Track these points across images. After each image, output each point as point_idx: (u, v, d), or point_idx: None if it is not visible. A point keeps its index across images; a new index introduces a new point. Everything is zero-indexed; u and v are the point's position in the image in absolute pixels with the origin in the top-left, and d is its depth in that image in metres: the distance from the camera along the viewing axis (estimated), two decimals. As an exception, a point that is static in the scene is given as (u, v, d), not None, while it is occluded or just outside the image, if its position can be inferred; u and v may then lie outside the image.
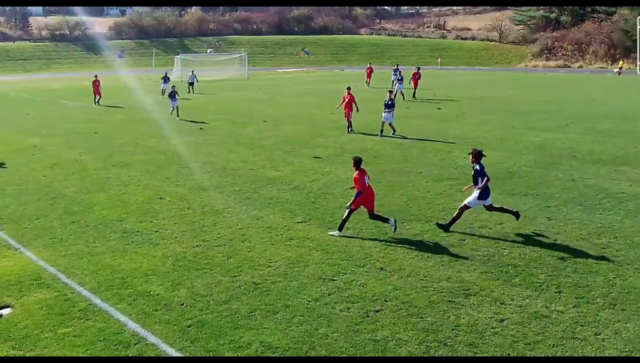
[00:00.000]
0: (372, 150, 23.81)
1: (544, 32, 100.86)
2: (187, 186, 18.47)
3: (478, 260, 12.02)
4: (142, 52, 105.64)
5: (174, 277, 11.49)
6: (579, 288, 10.64)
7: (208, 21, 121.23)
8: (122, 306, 10.25)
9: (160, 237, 13.77)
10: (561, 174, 19.16)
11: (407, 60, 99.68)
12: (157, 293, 10.76)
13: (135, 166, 21.34)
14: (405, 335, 9.10)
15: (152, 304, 10.31)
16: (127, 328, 9.47)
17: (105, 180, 19.35)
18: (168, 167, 21.26)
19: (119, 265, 12.10)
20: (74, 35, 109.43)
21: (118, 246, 13.24)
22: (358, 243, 13.13)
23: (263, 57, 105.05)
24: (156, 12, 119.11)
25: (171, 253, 12.72)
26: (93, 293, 10.76)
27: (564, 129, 28.58)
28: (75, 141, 27.06)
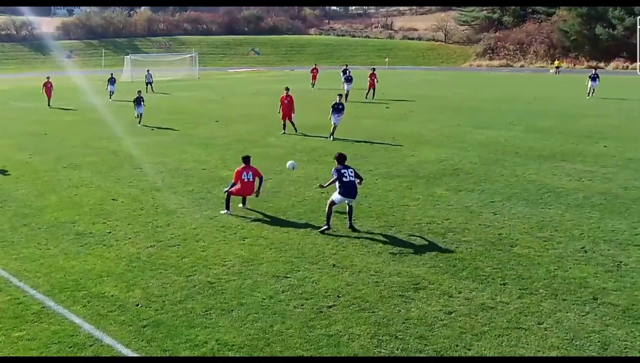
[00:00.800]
0: (322, 149, 23.94)
1: (487, 33, 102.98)
2: (140, 187, 18.27)
3: (427, 255, 12.25)
4: (91, 53, 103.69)
5: (129, 277, 11.38)
6: (522, 280, 10.96)
7: (157, 21, 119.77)
8: (76, 308, 10.11)
9: (114, 239, 13.61)
10: (505, 170, 19.63)
11: (356, 60, 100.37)
12: (112, 294, 10.65)
13: (87, 167, 20.99)
14: (358, 329, 9.23)
15: (106, 305, 10.20)
16: (82, 330, 9.35)
17: (56, 182, 18.98)
18: (120, 168, 20.97)
19: (72, 267, 11.92)
20: (20, 35, 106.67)
21: (71, 248, 13.03)
22: (311, 241, 13.23)
23: (214, 57, 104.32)
24: (105, 12, 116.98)
25: (125, 254, 12.58)
26: (46, 296, 10.58)
27: (507, 126, 29.25)
28: (24, 143, 26.43)
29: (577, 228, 13.78)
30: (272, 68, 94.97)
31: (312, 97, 44.51)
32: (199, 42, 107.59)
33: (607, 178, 18.36)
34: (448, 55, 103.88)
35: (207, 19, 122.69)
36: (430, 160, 21.33)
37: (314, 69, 56.99)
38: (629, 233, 13.35)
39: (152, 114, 36.27)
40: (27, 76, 77.84)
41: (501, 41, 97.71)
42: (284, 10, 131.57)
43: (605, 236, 13.19)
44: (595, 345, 8.64)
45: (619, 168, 19.65)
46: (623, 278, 10.90)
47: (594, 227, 13.84)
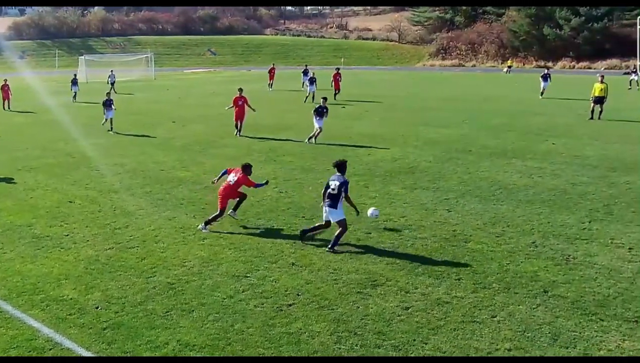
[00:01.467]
0: (280, 149, 23.98)
1: (440, 33, 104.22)
2: (98, 189, 18.02)
3: (384, 252, 12.41)
4: (44, 53, 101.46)
5: (87, 280, 11.24)
6: (476, 274, 11.20)
7: (112, 21, 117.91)
8: (34, 312, 9.94)
9: (72, 241, 13.40)
10: (458, 168, 19.97)
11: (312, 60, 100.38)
12: (71, 297, 10.51)
13: (43, 170, 20.58)
14: (318, 326, 9.31)
15: (65, 309, 10.06)
16: (41, 334, 9.21)
17: (12, 185, 18.57)
18: (77, 170, 20.63)
19: (30, 271, 11.70)
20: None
21: (28, 252, 12.78)
22: (270, 240, 13.26)
23: (169, 57, 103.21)
24: (57, 11, 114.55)
25: (83, 257, 12.42)
26: (4, 301, 10.37)
27: (460, 125, 29.73)
28: (-24, 145, 25.78)
29: (528, 223, 14.12)
30: (229, 68, 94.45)
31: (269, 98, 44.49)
32: (155, 42, 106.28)
33: (555, 174, 18.84)
34: (402, 55, 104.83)
35: (162, 19, 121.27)
36: (386, 159, 21.55)
37: (271, 69, 54.97)
38: (577, 227, 13.74)
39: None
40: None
41: (453, 41, 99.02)
42: (239, 10, 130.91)
43: (555, 231, 13.55)
44: (546, 336, 8.89)
45: (566, 164, 20.18)
46: (572, 272, 11.23)
47: (544, 222, 14.20)
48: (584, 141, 24.46)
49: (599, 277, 10.95)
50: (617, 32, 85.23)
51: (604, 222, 14.12)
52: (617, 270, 11.22)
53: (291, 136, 26.70)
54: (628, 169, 19.30)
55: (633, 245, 12.53)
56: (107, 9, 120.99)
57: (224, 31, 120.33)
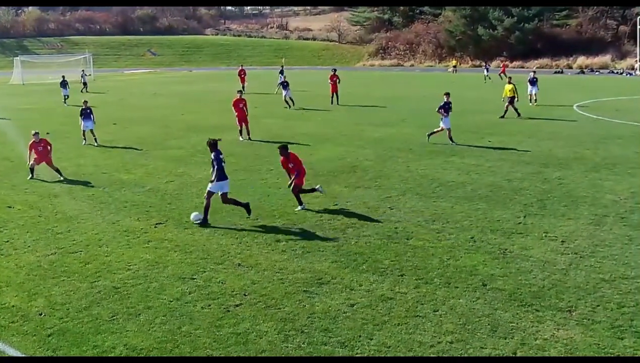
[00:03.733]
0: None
1: (379, 33, 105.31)
2: (37, 193, 17.58)
3: (328, 251, 12.54)
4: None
5: (30, 287, 10.99)
6: (418, 270, 11.44)
7: (48, 21, 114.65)
8: (-25, 321, 9.69)
9: (12, 247, 13.06)
10: (399, 166, 20.30)
11: (253, 60, 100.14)
12: (13, 304, 10.26)
13: (-22, 175, 19.95)
14: (265, 326, 9.36)
15: (8, 316, 9.82)
16: (-17, 343, 8.99)
17: (-54, 190, 17.95)
18: (15, 174, 20.07)
19: (-31, 279, 11.37)
20: None
21: (-34, 259, 12.41)
22: (215, 241, 13.23)
23: (108, 58, 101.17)
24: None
25: (25, 263, 12.12)
26: (-58, 311, 10.06)
27: (401, 124, 30.18)
28: None
29: (467, 219, 14.49)
30: (170, 69, 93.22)
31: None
32: (93, 42, 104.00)
33: (492, 171, 19.36)
34: (342, 55, 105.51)
35: (100, 18, 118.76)
36: (329, 158, 21.73)
37: (241, 70, 50.61)
38: (512, 222, 14.18)
39: (47, 117, 34.87)
40: None
41: (392, 41, 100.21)
42: (179, 10, 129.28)
43: (492, 226, 13.95)
44: (486, 328, 9.18)
45: (502, 161, 20.75)
46: (509, 265, 11.60)
47: (482, 217, 14.60)
48: (518, 138, 25.19)
49: (534, 269, 11.35)
50: (547, 33, 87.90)
51: (537, 216, 14.61)
52: (551, 262, 11.65)
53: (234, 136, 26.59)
54: (559, 165, 20.00)
55: (565, 238, 13.02)
56: (42, 9, 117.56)
57: (164, 31, 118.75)
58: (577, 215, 14.60)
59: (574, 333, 8.96)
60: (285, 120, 31.86)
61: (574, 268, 11.34)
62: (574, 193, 16.57)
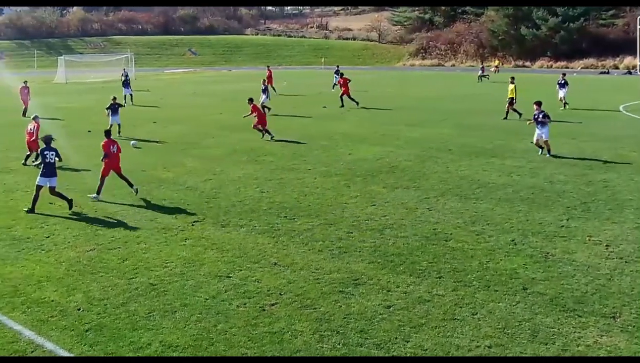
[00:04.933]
0: (262, 149, 23.95)
1: (420, 33, 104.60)
2: (78, 190, 17.86)
3: (365, 251, 12.46)
4: (23, 53, 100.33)
5: (69, 282, 11.16)
6: (457, 272, 11.28)
7: (91, 21, 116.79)
8: (15, 314, 9.86)
9: (53, 243, 13.30)
10: (438, 167, 20.09)
11: (292, 60, 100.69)
12: (52, 299, 10.43)
13: (22, 171, 20.39)
14: (300, 325, 9.33)
15: (47, 311, 9.99)
16: (23, 336, 9.13)
17: (-10, 186, 18.38)
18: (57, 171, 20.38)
19: (10, 273, 11.60)
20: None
21: (8, 254, 12.66)
22: (252, 240, 13.26)
23: (150, 57, 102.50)
24: (36, 11, 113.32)
25: (65, 259, 12.33)
26: (-16, 304, 10.29)
27: (440, 124, 29.89)
28: (-46, 147, 25.47)
29: (507, 221, 14.24)
30: (209, 68, 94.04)
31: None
32: (135, 42, 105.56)
33: (534, 173, 19.01)
34: (382, 55, 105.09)
35: (142, 19, 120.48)
36: (367, 158, 21.62)
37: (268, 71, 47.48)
38: (555, 225, 13.89)
39: (87, 115, 35.49)
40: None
41: (433, 41, 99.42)
42: (220, 10, 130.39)
43: (534, 229, 13.68)
44: (526, 332, 8.99)
45: (545, 163, 20.37)
46: (550, 269, 11.35)
47: (523, 220, 14.33)
48: (561, 140, 24.68)
49: (577, 273, 11.09)
50: (593, 32, 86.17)
51: (581, 219, 14.29)
52: (595, 267, 11.37)
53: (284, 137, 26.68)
54: (604, 167, 19.53)
55: (610, 242, 12.70)
56: (86, 9, 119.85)
57: (205, 31, 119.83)
58: (623, 219, 14.23)
59: (618, 340, 8.71)
60: (321, 120, 31.84)
61: (619, 274, 11.04)
62: (619, 196, 16.15)
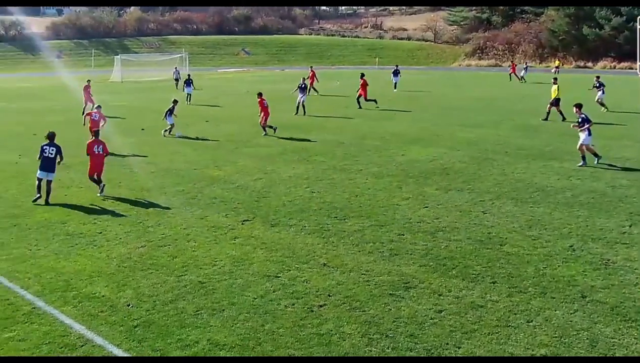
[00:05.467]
0: (313, 148, 23.96)
1: (477, 32, 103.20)
2: (130, 187, 18.22)
3: (417, 254, 12.29)
4: (80, 53, 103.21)
5: (119, 278, 11.36)
6: (512, 278, 11.01)
7: (148, 21, 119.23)
8: (67, 309, 10.08)
9: (104, 239, 13.57)
10: (494, 169, 19.71)
11: (345, 60, 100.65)
12: (103, 294, 10.62)
13: (77, 168, 20.84)
14: (349, 328, 9.25)
15: (97, 306, 10.18)
16: (73, 330, 9.32)
17: (46, 182, 18.85)
18: (110, 168, 20.81)
19: (63, 268, 11.88)
20: (9, 35, 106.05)
21: (61, 248, 12.98)
22: (301, 240, 13.24)
23: (203, 57, 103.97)
24: (94, 12, 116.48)
25: (116, 255, 12.55)
26: (37, 297, 10.54)
27: (496, 125, 29.37)
28: (13, 144, 26.29)
29: (566, 226, 13.85)
30: (262, 68, 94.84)
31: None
32: (189, 42, 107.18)
33: (595, 176, 18.47)
34: (437, 55, 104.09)
35: (197, 19, 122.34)
36: (420, 160, 21.39)
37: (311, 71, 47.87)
38: (616, 231, 13.43)
39: (142, 114, 36.22)
40: (16, 77, 77.46)
41: (490, 41, 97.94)
42: (273, 10, 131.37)
43: (594, 234, 13.27)
44: (584, 342, 8.69)
45: (606, 166, 19.76)
46: (611, 276, 10.97)
47: (582, 225, 13.91)
48: (623, 142, 23.97)
49: (639, 282, 10.69)
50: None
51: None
52: (659, 276, 10.94)
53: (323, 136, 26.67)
54: (671, 172, 18.84)
55: (676, 250, 12.21)
56: (143, 9, 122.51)
57: (258, 31, 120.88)
58: (690, 226, 13.67)
59: (684, 353, 8.34)
60: (374, 121, 31.66)
61: (685, 284, 10.60)
62: (687, 202, 15.54)
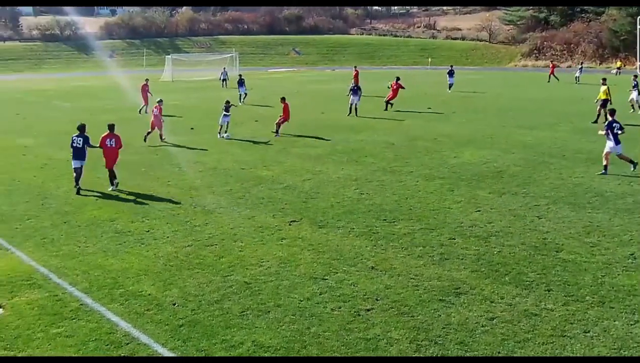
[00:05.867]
0: (362, 150, 23.82)
1: (533, 32, 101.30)
2: (179, 186, 18.43)
3: (468, 259, 12.06)
4: (132, 52, 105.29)
5: (166, 276, 11.47)
6: (568, 286, 10.69)
7: (199, 21, 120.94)
8: (113, 306, 10.22)
9: (152, 237, 13.74)
10: (550, 173, 19.24)
11: (397, 60, 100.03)
12: (149, 293, 10.74)
13: (127, 166, 21.21)
14: (396, 333, 9.11)
15: (144, 304, 10.29)
16: (119, 328, 9.45)
17: (96, 180, 19.24)
18: (159, 166, 21.20)
19: (111, 265, 12.07)
20: (64, 35, 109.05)
21: (109, 246, 13.20)
22: (349, 242, 13.14)
23: (254, 57, 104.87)
24: (147, 12, 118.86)
25: (163, 253, 12.69)
26: (85, 294, 10.73)
27: (553, 127, 28.70)
28: (66, 142, 26.81)
29: (626, 233, 13.40)
30: (313, 68, 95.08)
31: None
32: (240, 41, 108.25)
33: (658, 182, 17.85)
34: (492, 55, 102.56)
35: (248, 19, 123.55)
36: (472, 162, 21.05)
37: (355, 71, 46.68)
38: (681, 239, 12.93)
39: (191, 113, 36.69)
40: (70, 76, 79.53)
41: (548, 41, 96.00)
42: (325, 10, 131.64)
43: (656, 242, 12.80)
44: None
45: (671, 172, 19.08)
46: (675, 287, 10.55)
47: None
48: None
49: None
50: None
51: None
52: None
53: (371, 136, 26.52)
54: None
55: None
56: (194, 9, 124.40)
57: (309, 31, 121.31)
58: None
59: None
60: (426, 122, 31.33)
61: None
62: None
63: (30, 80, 72.13)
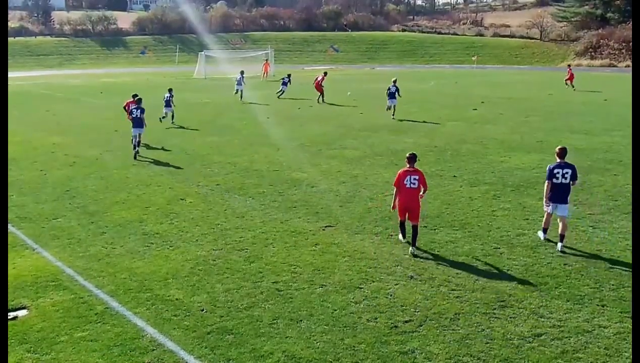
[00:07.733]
0: (402, 152, 23.50)
1: (589, 30, 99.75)
2: (209, 187, 18.54)
3: (515, 270, 11.87)
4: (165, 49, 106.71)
5: (194, 281, 11.53)
6: (624, 302, 10.44)
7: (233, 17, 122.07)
8: (140, 310, 10.31)
9: (181, 240, 13.84)
10: (605, 180, 18.87)
11: (441, 58, 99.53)
12: (177, 297, 10.80)
13: (157, 166, 21.49)
14: (436, 347, 9.00)
15: (171, 309, 10.35)
16: (145, 333, 9.52)
17: (125, 179, 19.51)
18: (190, 166, 21.37)
19: (138, 268, 12.18)
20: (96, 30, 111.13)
21: (137, 248, 13.33)
22: (387, 250, 13.05)
23: (290, 54, 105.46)
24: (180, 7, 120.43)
25: (191, 257, 12.77)
26: (111, 297, 10.84)
27: (610, 132, 28.16)
28: (95, 139, 27.36)
29: (688, 246, 13.05)
30: (351, 66, 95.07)
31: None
32: (275, 38, 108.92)
33: None
34: (544, 53, 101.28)
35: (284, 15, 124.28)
36: (521, 167, 20.76)
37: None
38: None
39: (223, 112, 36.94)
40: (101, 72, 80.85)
41: (604, 39, 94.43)
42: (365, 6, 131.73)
43: None
44: None
45: None
46: None
47: None
48: None
49: None
50: None
51: None
52: None
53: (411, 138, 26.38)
54: None
55: None
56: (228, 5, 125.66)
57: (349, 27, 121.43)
58: None
59: None
60: (472, 124, 31.02)
61: None
62: None
63: (60, 76, 73.56)
